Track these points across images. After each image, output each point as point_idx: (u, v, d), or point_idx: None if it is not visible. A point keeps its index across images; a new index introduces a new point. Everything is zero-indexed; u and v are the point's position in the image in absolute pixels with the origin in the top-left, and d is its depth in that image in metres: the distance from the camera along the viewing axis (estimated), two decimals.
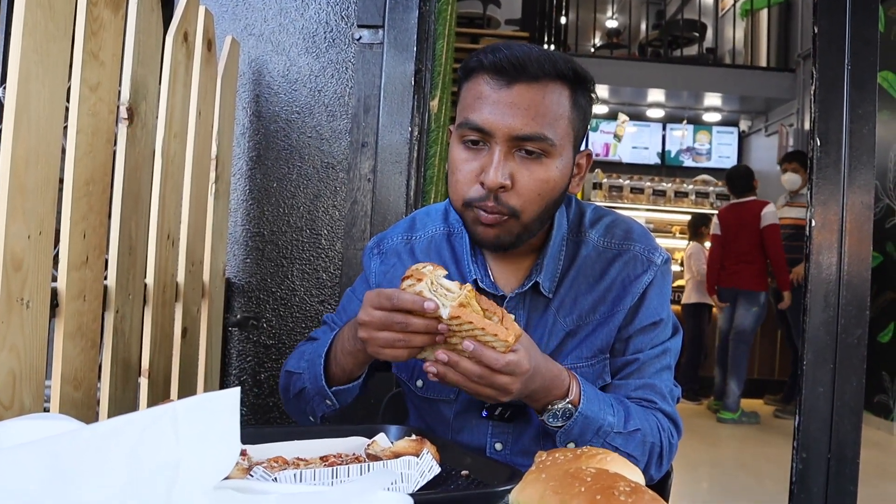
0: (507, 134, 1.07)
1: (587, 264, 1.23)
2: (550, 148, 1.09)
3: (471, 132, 1.10)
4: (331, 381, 1.19)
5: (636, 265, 1.22)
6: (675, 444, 1.20)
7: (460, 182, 1.13)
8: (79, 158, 1.20)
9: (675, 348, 1.25)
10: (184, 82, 1.62)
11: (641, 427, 1.13)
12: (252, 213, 2.11)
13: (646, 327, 1.22)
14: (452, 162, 1.14)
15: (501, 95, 1.07)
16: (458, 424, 1.26)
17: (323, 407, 1.22)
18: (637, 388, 1.20)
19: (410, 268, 0.99)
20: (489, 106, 1.08)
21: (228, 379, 2.11)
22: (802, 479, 1.99)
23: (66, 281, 1.19)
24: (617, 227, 1.26)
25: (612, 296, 1.21)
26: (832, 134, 2.03)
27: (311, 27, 2.10)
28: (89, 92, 1.21)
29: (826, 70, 2.05)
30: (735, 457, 4.53)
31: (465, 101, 1.13)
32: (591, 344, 1.21)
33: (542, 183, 1.10)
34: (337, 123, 2.09)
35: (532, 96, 1.07)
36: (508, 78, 1.07)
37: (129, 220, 1.40)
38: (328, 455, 0.91)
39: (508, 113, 1.07)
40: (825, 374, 1.98)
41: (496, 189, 1.08)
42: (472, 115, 1.09)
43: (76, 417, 1.24)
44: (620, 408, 1.13)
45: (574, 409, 1.07)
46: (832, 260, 2.01)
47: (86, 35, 1.19)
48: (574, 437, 1.09)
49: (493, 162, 1.08)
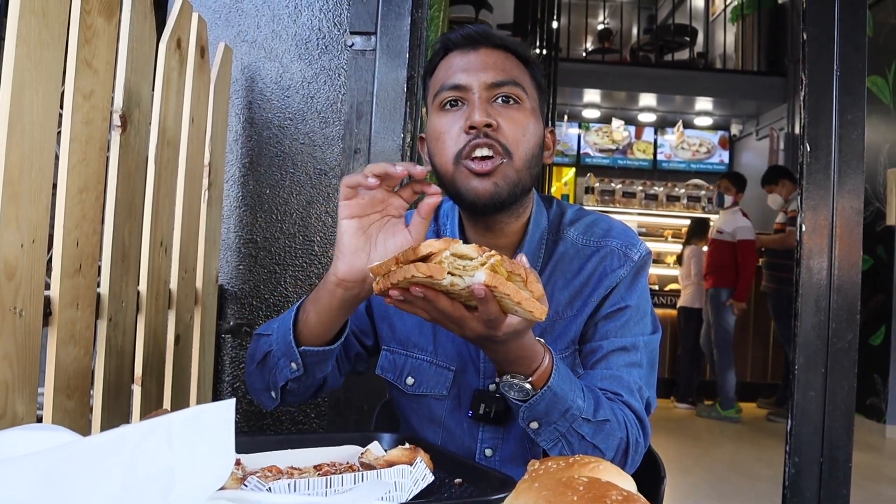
0: (483, 83, 1.13)
1: (564, 261, 1.24)
2: (523, 95, 1.16)
3: (449, 93, 1.15)
4: (300, 340, 1.12)
5: (612, 260, 1.22)
6: (643, 444, 1.16)
7: (446, 141, 1.14)
8: (72, 166, 1.20)
9: (647, 346, 1.22)
10: (177, 89, 1.62)
11: (610, 419, 1.10)
12: (245, 219, 2.11)
13: (611, 313, 1.21)
14: (435, 130, 1.16)
15: (470, 58, 1.16)
16: (449, 423, 1.26)
17: (287, 372, 1.13)
18: (603, 379, 1.16)
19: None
20: (462, 66, 1.16)
21: (221, 386, 2.11)
22: (795, 484, 2.00)
23: (59, 289, 1.19)
24: (597, 226, 1.27)
25: (588, 290, 1.21)
26: (822, 139, 2.04)
27: (303, 34, 2.10)
28: (83, 100, 1.21)
29: (815, 76, 2.07)
30: (728, 459, 4.54)
31: (437, 76, 1.20)
32: (565, 336, 1.21)
33: (523, 127, 1.14)
34: (330, 130, 2.09)
35: (497, 56, 1.17)
36: (474, 44, 1.17)
37: (123, 228, 1.40)
38: (322, 464, 0.91)
39: (479, 67, 1.15)
40: (817, 379, 1.99)
41: (484, 126, 1.11)
42: (448, 79, 1.16)
43: (69, 426, 1.24)
44: (591, 395, 1.10)
45: (532, 390, 1.03)
46: (822, 264, 2.02)
47: (79, 43, 1.19)
48: (539, 416, 1.05)
49: (475, 106, 1.12)
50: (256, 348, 1.22)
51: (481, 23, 7.47)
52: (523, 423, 1.07)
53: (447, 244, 0.83)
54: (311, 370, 1.14)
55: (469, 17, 7.28)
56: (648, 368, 1.22)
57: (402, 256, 0.84)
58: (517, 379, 1.03)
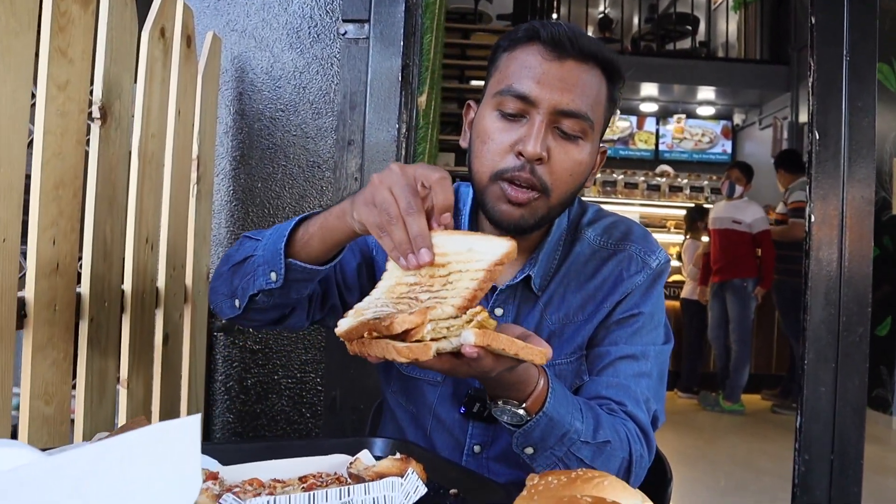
0: (553, 106, 1.03)
1: (579, 261, 1.18)
2: (588, 130, 1.06)
3: (513, 101, 1.05)
4: (290, 252, 1.03)
5: (630, 265, 1.17)
6: (647, 460, 1.10)
7: (492, 152, 1.06)
8: (47, 160, 1.14)
9: (658, 356, 1.16)
10: (162, 80, 1.56)
11: (611, 439, 1.03)
12: (236, 214, 2.05)
13: (623, 319, 1.15)
14: (484, 131, 1.07)
15: (552, 67, 1.04)
16: (440, 412, 1.21)
17: (263, 281, 1.05)
18: (609, 387, 1.11)
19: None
20: (538, 76, 1.03)
21: (214, 385, 2.05)
22: (805, 481, 1.94)
23: (34, 290, 1.13)
24: (616, 228, 1.21)
25: (601, 294, 1.16)
26: (831, 127, 1.98)
27: (294, 22, 2.04)
28: (57, 91, 1.16)
29: (824, 62, 2.00)
30: (732, 452, 4.49)
31: (509, 69, 1.07)
32: (573, 340, 1.16)
33: (575, 164, 1.06)
34: (322, 121, 2.03)
35: (580, 74, 1.04)
36: (561, 52, 1.04)
37: (104, 224, 1.34)
38: (307, 475, 0.85)
39: (557, 86, 1.03)
40: (827, 374, 1.94)
41: (534, 160, 1.03)
42: (518, 83, 1.04)
43: (48, 433, 1.19)
44: (590, 414, 1.03)
45: (527, 416, 0.96)
46: (832, 256, 1.96)
47: (52, 31, 1.13)
48: (534, 442, 0.98)
49: (533, 132, 1.03)
50: (238, 249, 1.14)
51: (481, 13, 7.40)
52: (517, 448, 1.01)
53: (422, 316, 0.75)
54: (290, 287, 1.06)
55: (468, 7, 7.21)
56: (658, 380, 1.16)
57: (375, 326, 0.75)
58: (510, 405, 0.96)
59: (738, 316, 5.56)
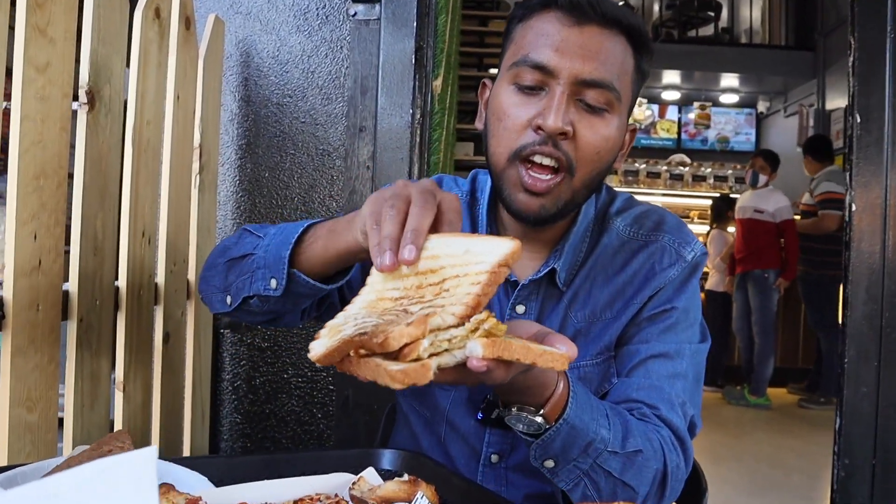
0: (574, 76, 0.94)
1: (607, 253, 1.09)
2: (615, 102, 0.96)
3: (530, 72, 0.95)
4: (295, 262, 0.95)
5: (663, 258, 1.07)
6: (684, 471, 0.99)
7: (509, 129, 0.97)
8: (25, 149, 1.05)
9: (694, 356, 1.06)
10: (157, 63, 1.47)
11: (643, 448, 0.92)
12: (243, 205, 1.96)
13: (655, 315, 1.05)
14: (500, 107, 0.98)
15: (571, 34, 0.95)
16: (454, 418, 1.11)
17: (261, 286, 0.96)
18: (640, 389, 1.01)
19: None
20: (556, 43, 0.94)
21: (221, 385, 1.97)
22: (845, 487, 1.83)
23: (13, 289, 1.05)
24: (648, 218, 1.11)
25: (631, 290, 1.06)
26: (874, 110, 1.85)
27: (302, 3, 1.94)
28: (36, 73, 1.06)
29: (865, 40, 1.87)
30: (760, 449, 4.36)
31: (525, 39, 0.98)
32: (600, 340, 1.06)
33: (602, 140, 0.97)
34: (332, 107, 1.93)
35: (603, 41, 0.95)
36: (580, 16, 0.95)
37: (94, 217, 1.25)
38: (303, 498, 0.76)
39: (578, 53, 0.94)
40: (869, 373, 1.81)
41: (556, 134, 0.93)
42: (534, 52, 0.95)
43: (31, 443, 1.10)
44: (618, 421, 0.93)
45: (545, 424, 0.85)
46: (875, 247, 1.83)
47: (28, 7, 1.04)
48: (555, 453, 0.88)
49: (553, 104, 0.93)
50: (238, 243, 1.05)
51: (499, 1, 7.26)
52: (536, 462, 0.90)
53: (422, 326, 0.63)
54: (289, 297, 0.97)
55: None
56: (694, 382, 1.05)
57: (364, 343, 0.64)
58: (526, 412, 0.85)
59: (760, 307, 5.43)
